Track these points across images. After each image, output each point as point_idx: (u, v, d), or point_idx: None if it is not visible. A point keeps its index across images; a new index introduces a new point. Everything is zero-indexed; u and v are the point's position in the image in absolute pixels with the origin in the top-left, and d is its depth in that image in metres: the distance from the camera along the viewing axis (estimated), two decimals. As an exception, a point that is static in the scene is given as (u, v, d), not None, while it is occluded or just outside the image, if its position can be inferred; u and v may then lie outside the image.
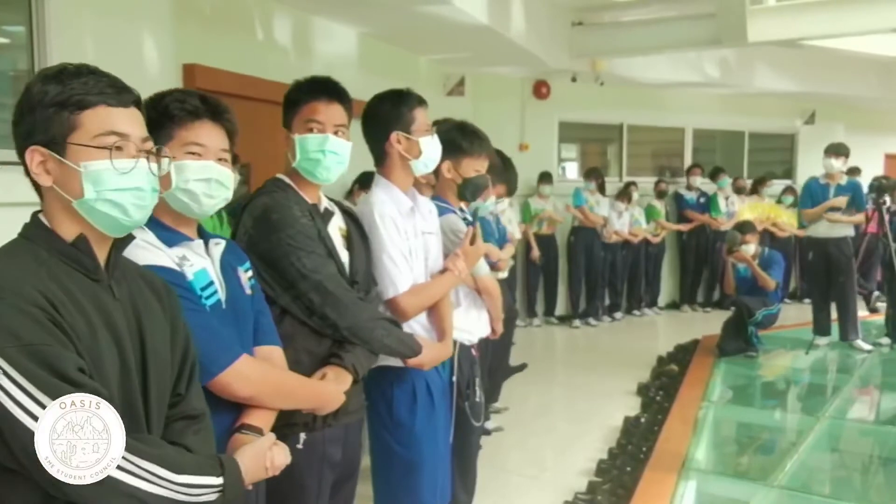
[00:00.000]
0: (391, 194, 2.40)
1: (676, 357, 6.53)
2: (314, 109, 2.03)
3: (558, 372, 6.48)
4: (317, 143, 2.02)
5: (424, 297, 2.39)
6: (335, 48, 5.67)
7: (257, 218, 1.94)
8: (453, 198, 2.83)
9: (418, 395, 2.44)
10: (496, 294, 2.92)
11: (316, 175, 2.05)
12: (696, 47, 7.46)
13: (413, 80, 7.18)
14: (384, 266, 2.30)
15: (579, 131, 9.42)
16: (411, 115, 2.40)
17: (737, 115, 9.84)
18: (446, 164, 2.76)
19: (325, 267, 1.94)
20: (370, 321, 2.02)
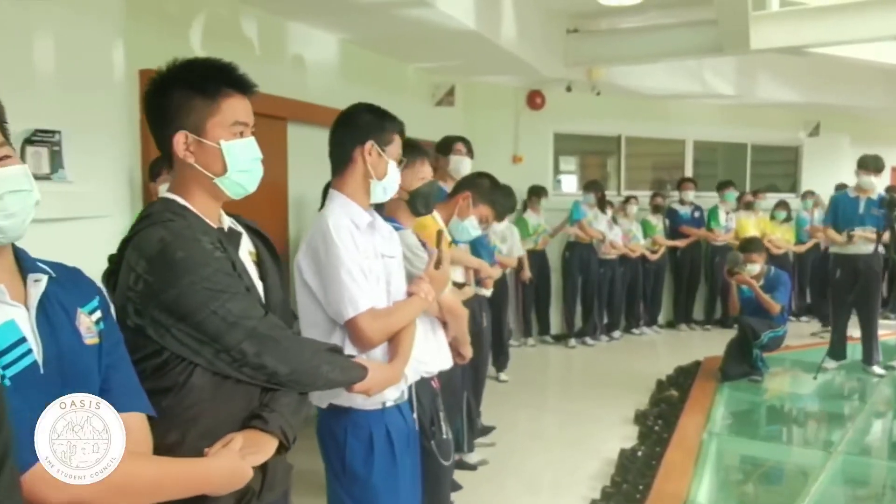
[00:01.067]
0: (348, 208, 2.13)
1: (677, 381, 6.18)
2: (236, 107, 1.64)
3: (550, 396, 6.13)
4: (251, 150, 1.67)
5: (389, 322, 2.10)
6: (313, 55, 5.35)
7: (153, 258, 1.48)
8: (406, 217, 2.58)
9: (376, 444, 2.12)
10: (461, 314, 2.62)
11: (245, 189, 1.68)
12: (696, 55, 7.14)
13: (400, 90, 6.94)
14: (342, 283, 2.01)
15: (575, 143, 9.11)
16: (391, 135, 2.19)
17: (739, 126, 9.52)
18: None
19: (255, 308, 1.56)
20: (314, 357, 1.65)
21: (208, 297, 1.48)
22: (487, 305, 4.66)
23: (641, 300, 8.59)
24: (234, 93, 1.64)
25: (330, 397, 2.09)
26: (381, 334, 2.06)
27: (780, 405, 6.02)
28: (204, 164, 1.61)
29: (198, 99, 1.61)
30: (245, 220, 1.80)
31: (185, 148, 1.60)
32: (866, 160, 6.24)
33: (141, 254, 1.50)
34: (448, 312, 2.58)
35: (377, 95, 6.19)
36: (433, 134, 7.23)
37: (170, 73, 1.65)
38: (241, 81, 1.65)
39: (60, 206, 3.06)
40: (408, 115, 6.17)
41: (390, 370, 2.04)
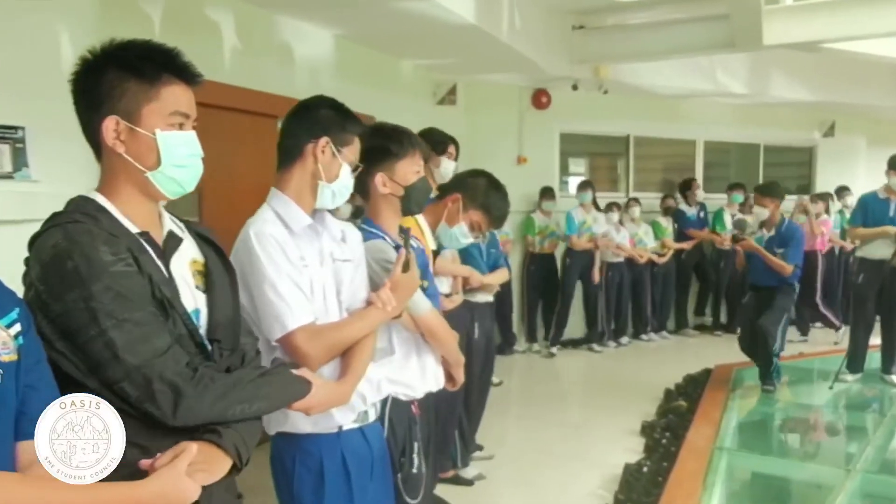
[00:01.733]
0: (285, 209, 1.89)
1: (685, 390, 5.92)
2: (178, 96, 1.45)
3: (553, 406, 5.88)
4: (190, 144, 1.47)
5: (335, 338, 1.86)
6: (306, 52, 5.14)
7: (46, 265, 1.30)
8: (391, 218, 2.30)
9: (327, 473, 1.89)
10: (443, 335, 2.35)
11: (181, 187, 1.47)
12: (707, 52, 6.88)
13: (399, 88, 6.72)
14: (266, 300, 1.79)
15: (583, 143, 8.86)
16: (350, 136, 1.95)
17: (752, 126, 9.24)
18: (379, 177, 2.25)
19: (148, 342, 1.31)
20: (220, 402, 1.37)
21: (90, 319, 1.27)
22: (489, 312, 4.42)
23: (650, 305, 8.33)
24: (177, 80, 1.45)
25: (277, 425, 1.87)
26: (323, 352, 1.82)
27: (794, 417, 5.74)
28: (135, 154, 1.42)
29: (133, 82, 1.41)
30: (196, 227, 1.60)
31: (114, 136, 1.41)
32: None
33: (37, 258, 1.33)
34: (427, 332, 2.29)
35: (375, 94, 6.03)
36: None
37: (104, 52, 1.45)
38: (185, 69, 1.47)
39: (23, 207, 2.86)
40: (408, 115, 5.96)
41: (336, 389, 1.81)
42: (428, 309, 2.28)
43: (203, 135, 1.86)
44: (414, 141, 2.29)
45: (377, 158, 2.21)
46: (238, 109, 4.69)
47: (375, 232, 2.25)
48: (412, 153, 2.27)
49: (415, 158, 2.28)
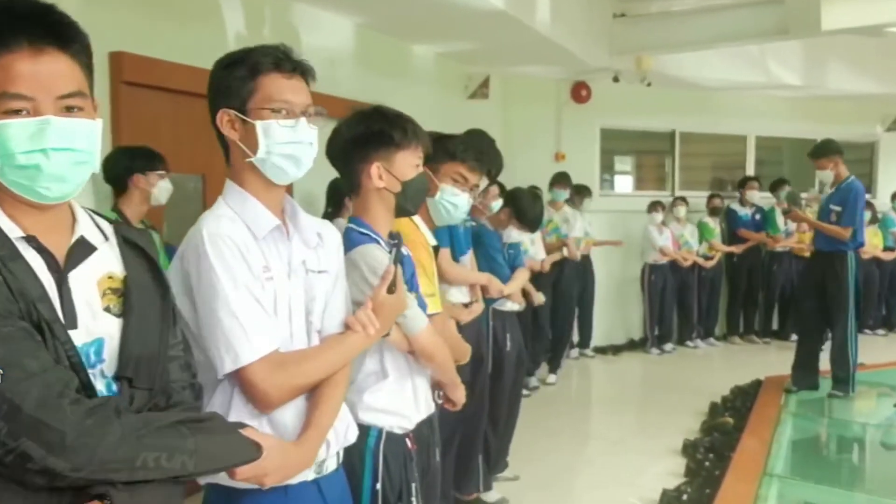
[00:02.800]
0: (242, 205, 1.55)
1: (733, 404, 5.48)
2: (18, 68, 1.07)
3: (590, 419, 5.50)
4: (26, 131, 1.08)
5: (302, 372, 1.51)
6: (323, 41, 4.85)
7: None
8: (384, 218, 1.98)
9: None
10: (441, 357, 2.02)
11: (35, 192, 1.11)
12: (758, 40, 6.41)
13: (427, 80, 6.39)
14: (217, 322, 1.44)
15: (628, 140, 8.42)
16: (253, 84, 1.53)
17: (807, 120, 8.64)
18: (374, 167, 1.92)
19: (20, 358, 1.01)
20: (125, 444, 1.05)
21: None
22: (516, 321, 4.08)
23: (696, 311, 7.86)
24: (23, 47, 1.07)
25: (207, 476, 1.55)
26: (284, 390, 1.48)
27: (856, 438, 5.23)
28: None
29: None
30: (124, 230, 1.27)
31: None
32: None
33: None
34: (422, 354, 1.98)
35: (400, 86, 5.72)
36: (467, 129, 6.69)
37: None
38: (56, 30, 1.11)
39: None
40: (437, 109, 5.61)
41: (297, 451, 1.46)
42: (424, 326, 1.96)
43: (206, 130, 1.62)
44: (418, 131, 1.98)
45: (374, 145, 1.92)
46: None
47: (367, 233, 1.92)
48: (415, 145, 1.96)
49: (416, 151, 1.97)
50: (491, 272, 3.72)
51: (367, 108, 1.97)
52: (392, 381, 1.94)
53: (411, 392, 1.99)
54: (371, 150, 1.90)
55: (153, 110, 3.64)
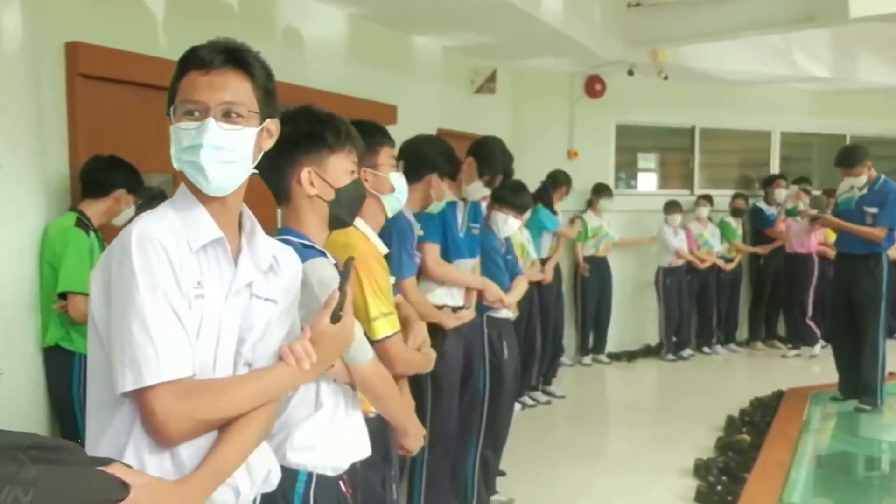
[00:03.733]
0: (187, 211, 1.33)
1: (752, 418, 5.13)
2: None
3: (596, 433, 5.18)
4: None
5: (212, 404, 1.28)
6: (314, 32, 4.57)
7: None
8: (318, 229, 1.75)
9: None
10: (386, 394, 1.77)
11: None
12: (783, 28, 6.01)
13: (432, 75, 6.08)
14: (126, 333, 1.22)
15: (645, 137, 8.06)
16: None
17: (835, 115, 8.22)
18: (305, 172, 1.70)
19: None
20: None
21: None
22: (512, 330, 3.78)
23: (715, 315, 7.49)
24: None
25: None
26: (188, 423, 1.25)
27: (884, 458, 4.84)
28: None
29: None
30: None
31: None
32: None
33: None
34: (364, 388, 1.76)
35: (402, 80, 5.44)
36: (473, 125, 6.41)
37: None
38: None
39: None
40: (441, 104, 5.30)
41: (177, 493, 1.21)
42: (369, 359, 1.72)
43: None
44: (352, 134, 1.77)
45: (304, 148, 1.70)
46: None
47: (312, 245, 1.69)
48: (348, 148, 1.75)
49: (350, 155, 1.76)
50: (489, 278, 3.45)
51: (295, 108, 1.72)
52: (327, 415, 1.68)
53: (348, 428, 1.73)
54: (301, 153, 1.69)
55: (116, 105, 3.39)
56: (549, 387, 6.00)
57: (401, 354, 1.98)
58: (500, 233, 3.97)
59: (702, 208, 7.34)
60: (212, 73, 1.30)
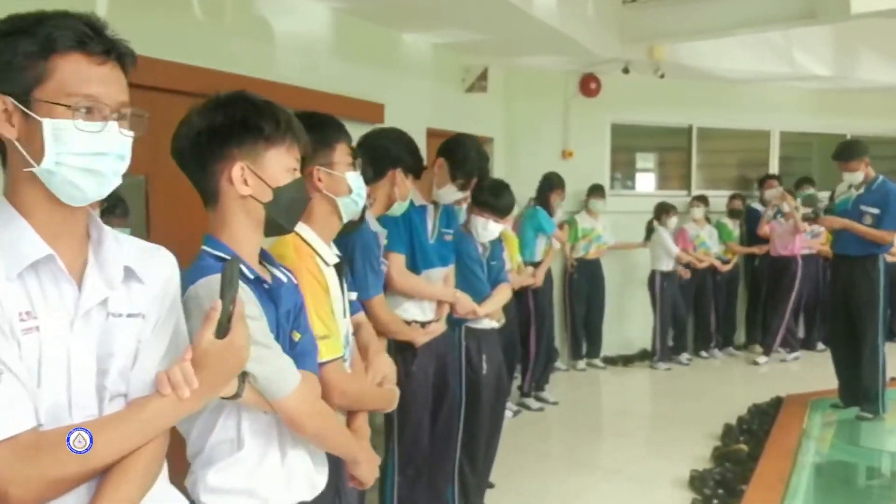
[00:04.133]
0: (2, 229, 1.12)
1: (750, 426, 4.97)
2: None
3: (589, 442, 5.02)
4: None
5: (72, 457, 1.07)
6: (293, 28, 4.42)
7: None
8: (250, 236, 1.53)
9: None
10: (314, 429, 1.54)
11: None
12: (783, 25, 5.84)
13: (421, 72, 5.91)
14: None
15: (641, 136, 7.90)
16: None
17: (836, 114, 8.05)
18: (237, 168, 1.48)
19: None
20: None
21: None
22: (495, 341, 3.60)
23: (713, 318, 7.33)
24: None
25: None
26: (37, 485, 1.05)
27: (888, 470, 4.68)
28: None
29: None
30: None
31: None
32: None
33: None
34: (290, 425, 1.50)
35: (390, 78, 5.27)
36: (464, 125, 6.24)
37: None
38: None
39: None
40: (433, 103, 5.11)
41: None
42: (291, 390, 1.45)
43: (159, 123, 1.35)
44: (294, 125, 1.54)
45: (237, 139, 1.48)
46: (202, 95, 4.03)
47: (209, 261, 1.46)
48: (290, 141, 1.52)
49: (292, 150, 1.54)
50: (466, 287, 3.28)
51: (226, 94, 1.52)
52: (250, 453, 1.47)
53: (280, 466, 1.52)
54: (232, 146, 1.47)
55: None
56: (541, 393, 5.85)
57: (339, 385, 1.74)
58: (479, 237, 3.70)
59: (696, 209, 7.17)
60: (108, 66, 1.13)
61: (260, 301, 1.44)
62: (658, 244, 6.89)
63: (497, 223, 3.68)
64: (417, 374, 2.87)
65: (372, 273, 2.47)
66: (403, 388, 2.87)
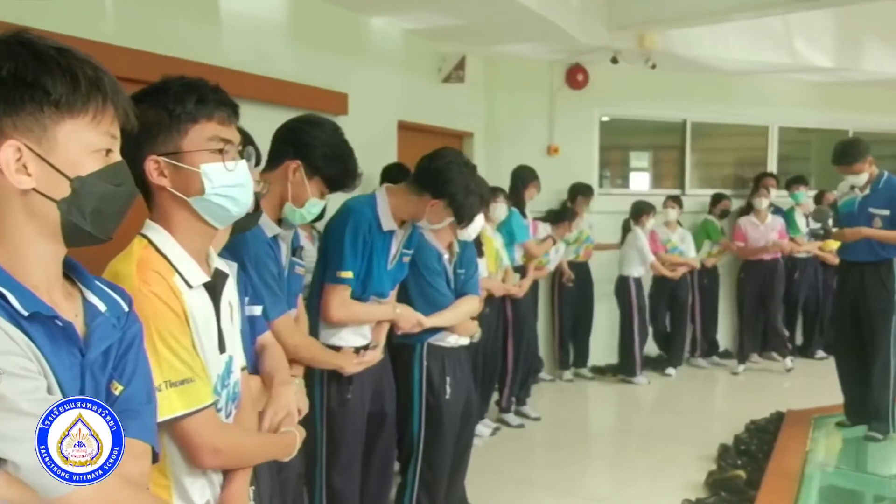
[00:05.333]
0: None
1: (748, 446, 4.54)
2: None
3: (571, 465, 4.57)
4: None
5: None
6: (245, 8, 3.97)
7: None
8: (33, 251, 1.04)
9: None
10: None
11: None
12: (782, 9, 5.42)
13: (391, 61, 5.43)
14: None
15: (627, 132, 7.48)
16: None
17: (838, 109, 7.61)
18: (7, 148, 1.00)
19: None
20: None
21: None
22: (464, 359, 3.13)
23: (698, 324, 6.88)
24: None
25: None
26: None
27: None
28: None
29: None
30: None
31: None
32: None
33: None
34: None
35: (355, 66, 4.83)
36: (440, 118, 5.83)
37: None
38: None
39: None
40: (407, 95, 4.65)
41: None
42: (64, 491, 0.95)
43: None
44: (105, 84, 1.05)
45: (10, 105, 1.00)
46: (140, 81, 3.58)
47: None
48: (99, 109, 1.05)
49: (102, 122, 1.06)
50: (425, 305, 2.83)
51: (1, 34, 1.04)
52: None
53: None
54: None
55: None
56: (523, 407, 5.41)
57: (209, 441, 1.33)
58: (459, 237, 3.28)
59: (670, 210, 6.57)
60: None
61: (45, 344, 0.99)
62: (632, 247, 6.32)
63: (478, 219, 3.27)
64: (353, 404, 2.43)
65: (268, 291, 2.02)
66: (336, 420, 2.44)
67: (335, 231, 2.49)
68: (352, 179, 2.19)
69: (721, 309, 7.14)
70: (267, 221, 2.07)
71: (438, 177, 2.59)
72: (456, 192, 2.58)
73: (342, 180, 2.18)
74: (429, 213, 2.61)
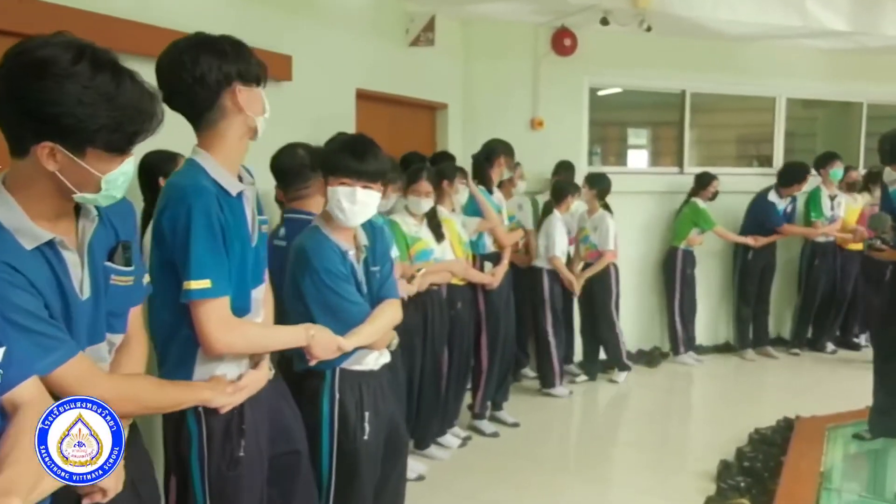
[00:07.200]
0: None
1: (752, 463, 3.94)
2: None
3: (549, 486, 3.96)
4: None
5: None
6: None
7: None
8: None
9: None
10: None
11: None
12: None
13: (347, 19, 4.48)
14: None
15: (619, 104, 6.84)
16: None
17: (852, 79, 6.92)
18: None
19: None
20: None
21: None
22: (391, 382, 2.48)
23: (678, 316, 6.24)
24: None
25: None
26: None
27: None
28: None
29: None
30: None
31: None
32: None
33: None
34: None
35: (302, 24, 4.08)
36: (408, 86, 5.16)
37: None
38: None
39: None
40: (364, 57, 3.83)
41: None
42: None
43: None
44: None
45: None
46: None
47: None
48: None
49: None
50: (334, 322, 2.15)
51: None
52: None
53: None
54: None
55: None
56: (499, 413, 4.80)
57: None
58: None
59: (587, 190, 5.53)
60: None
61: None
62: (547, 234, 5.26)
63: None
64: (249, 460, 1.79)
65: (28, 338, 1.28)
66: (227, 488, 1.82)
67: (175, 229, 1.71)
68: (141, 125, 1.34)
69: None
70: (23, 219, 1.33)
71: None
72: None
73: (126, 137, 1.34)
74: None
